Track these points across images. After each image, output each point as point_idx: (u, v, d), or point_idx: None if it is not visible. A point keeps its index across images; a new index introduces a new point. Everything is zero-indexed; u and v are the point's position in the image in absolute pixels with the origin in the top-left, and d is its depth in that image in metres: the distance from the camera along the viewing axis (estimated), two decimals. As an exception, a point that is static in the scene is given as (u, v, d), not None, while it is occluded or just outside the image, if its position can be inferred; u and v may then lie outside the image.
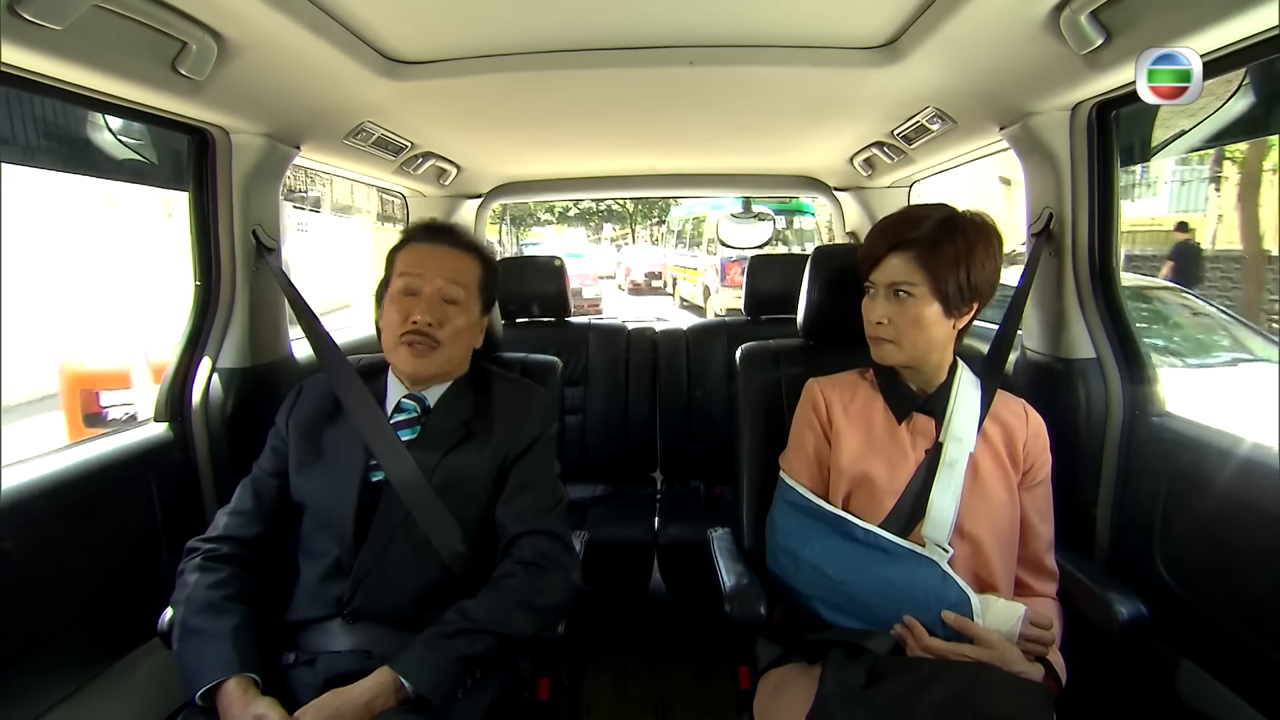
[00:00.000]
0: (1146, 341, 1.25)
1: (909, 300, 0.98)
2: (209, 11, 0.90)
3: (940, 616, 0.93)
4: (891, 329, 1.00)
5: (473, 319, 1.09)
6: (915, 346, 1.00)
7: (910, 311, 0.99)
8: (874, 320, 1.01)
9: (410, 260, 1.06)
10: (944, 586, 0.94)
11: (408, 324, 1.02)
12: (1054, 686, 0.93)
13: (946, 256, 0.97)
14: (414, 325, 1.02)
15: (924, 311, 0.98)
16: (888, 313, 1.00)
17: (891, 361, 1.02)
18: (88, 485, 1.09)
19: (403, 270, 1.05)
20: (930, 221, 0.99)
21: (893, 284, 0.99)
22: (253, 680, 0.87)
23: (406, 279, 1.04)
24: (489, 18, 1.05)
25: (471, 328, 1.09)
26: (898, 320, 0.99)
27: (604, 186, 2.44)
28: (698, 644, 1.88)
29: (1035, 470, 1.05)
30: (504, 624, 0.93)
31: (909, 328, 0.99)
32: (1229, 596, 1.01)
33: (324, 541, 1.01)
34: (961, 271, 0.97)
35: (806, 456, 1.07)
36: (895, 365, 1.03)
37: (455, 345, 1.06)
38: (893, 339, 1.00)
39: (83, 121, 1.19)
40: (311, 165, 1.67)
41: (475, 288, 1.08)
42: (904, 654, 0.93)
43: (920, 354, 1.01)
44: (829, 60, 1.16)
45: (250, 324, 1.34)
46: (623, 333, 2.08)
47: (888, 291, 1.00)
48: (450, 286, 1.05)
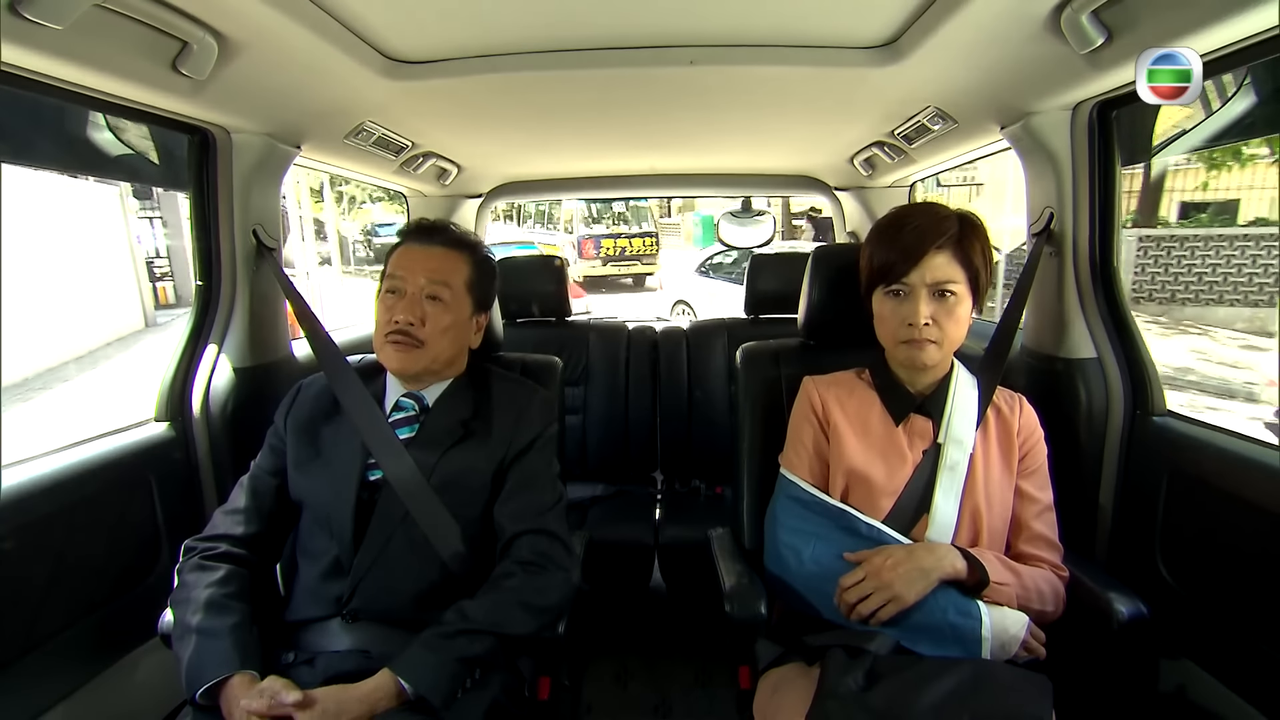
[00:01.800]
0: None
1: (952, 299, 0.98)
2: (210, 11, 0.90)
3: (948, 621, 0.93)
4: (937, 330, 0.98)
5: (461, 317, 1.08)
6: (953, 344, 1.01)
7: (954, 310, 0.98)
8: (919, 322, 0.97)
9: (398, 260, 1.07)
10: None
11: (390, 323, 1.03)
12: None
13: (976, 252, 0.98)
14: (396, 324, 1.02)
15: (963, 309, 0.99)
16: (933, 313, 0.98)
17: (932, 362, 1.01)
18: (88, 484, 1.09)
19: (390, 271, 1.06)
20: (955, 219, 0.99)
21: (937, 283, 0.98)
22: (254, 677, 0.88)
23: (391, 279, 1.06)
24: (489, 18, 1.05)
25: (460, 326, 1.08)
26: (943, 320, 0.98)
27: (604, 186, 2.44)
28: (698, 644, 1.88)
29: (1030, 458, 1.05)
30: (503, 624, 0.93)
31: (953, 326, 0.99)
32: (1229, 596, 1.01)
33: (323, 541, 1.01)
34: (989, 265, 0.99)
35: (806, 453, 1.07)
36: (931, 365, 1.02)
37: (440, 343, 1.05)
38: (937, 339, 0.99)
39: (84, 120, 1.19)
40: (312, 165, 1.67)
41: (463, 285, 1.08)
42: (904, 655, 0.93)
43: (951, 351, 1.02)
44: (829, 60, 1.16)
45: (250, 323, 1.34)
46: (623, 332, 2.08)
47: (930, 292, 0.98)
48: (433, 285, 1.04)
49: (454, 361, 1.11)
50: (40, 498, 1.02)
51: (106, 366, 6.85)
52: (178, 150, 1.28)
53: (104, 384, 6.16)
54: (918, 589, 0.93)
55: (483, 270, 1.12)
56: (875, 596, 0.93)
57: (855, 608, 0.95)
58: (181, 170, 1.29)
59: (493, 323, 1.23)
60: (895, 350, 1.03)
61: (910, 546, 0.97)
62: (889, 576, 0.93)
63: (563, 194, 2.44)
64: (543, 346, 1.54)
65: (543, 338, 2.01)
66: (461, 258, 1.09)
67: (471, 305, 1.10)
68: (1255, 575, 0.96)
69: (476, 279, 1.10)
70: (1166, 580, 1.09)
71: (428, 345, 1.04)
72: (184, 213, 8.06)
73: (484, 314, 1.15)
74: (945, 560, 0.94)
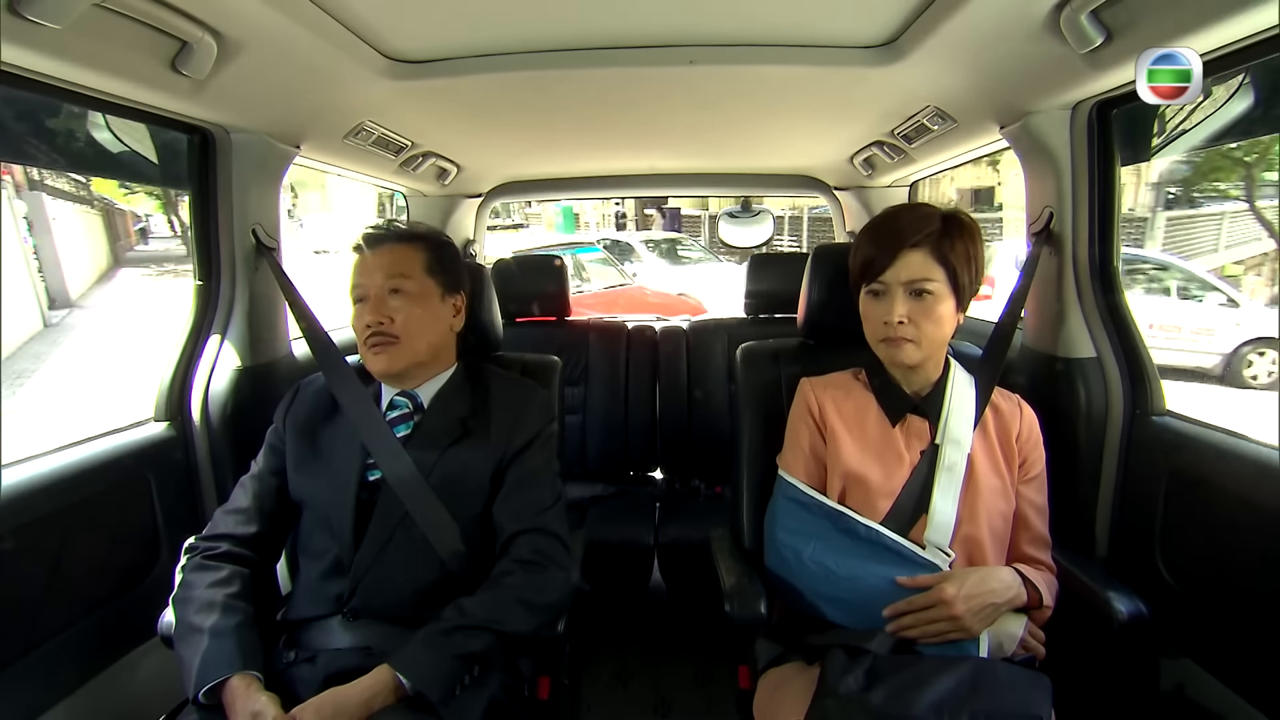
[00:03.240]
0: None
1: (929, 298, 0.98)
2: (209, 10, 0.90)
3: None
4: (913, 328, 0.98)
5: (431, 304, 1.07)
6: (933, 344, 1.00)
7: (932, 309, 0.98)
8: (894, 321, 0.98)
9: (357, 271, 1.06)
10: None
11: (364, 329, 1.03)
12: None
13: (959, 252, 0.97)
14: (369, 328, 1.02)
15: (943, 308, 0.98)
16: (908, 312, 0.98)
17: (910, 361, 1.01)
18: (87, 484, 1.09)
19: (353, 283, 1.06)
20: (937, 217, 0.99)
21: (912, 281, 0.98)
22: (256, 678, 0.88)
23: (356, 289, 1.06)
24: (489, 17, 1.05)
25: (431, 313, 1.07)
26: (919, 319, 0.98)
27: (604, 186, 2.44)
28: (698, 644, 1.88)
29: (1030, 464, 1.05)
30: (502, 621, 0.93)
31: (930, 326, 0.98)
32: (1228, 595, 1.01)
33: (323, 540, 1.01)
34: (973, 265, 0.98)
35: (803, 454, 1.07)
36: (911, 365, 1.02)
37: (417, 335, 1.05)
38: (914, 338, 0.99)
39: (83, 120, 1.19)
40: (312, 165, 1.67)
41: (422, 271, 1.06)
42: (904, 654, 0.93)
43: (934, 351, 1.02)
44: (829, 59, 1.16)
45: (250, 323, 1.34)
46: (623, 332, 2.08)
47: (906, 290, 0.98)
48: (391, 279, 1.04)
49: (439, 353, 1.10)
50: (40, 498, 1.02)
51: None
52: (178, 149, 1.28)
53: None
54: (988, 622, 0.93)
55: (440, 253, 1.10)
56: (941, 625, 0.92)
57: (909, 631, 0.93)
58: (181, 169, 1.29)
59: (492, 322, 1.22)
60: (877, 349, 1.03)
61: (980, 574, 0.95)
62: (961, 609, 0.91)
63: (563, 194, 2.44)
64: (542, 346, 1.54)
65: (542, 337, 2.00)
66: (413, 247, 1.07)
67: (439, 288, 1.08)
68: (1255, 574, 0.96)
69: (435, 261, 1.08)
70: (1166, 579, 1.09)
71: (404, 339, 1.03)
72: (50, 211, 7.76)
73: (458, 295, 1.12)
74: (1013, 590, 0.95)
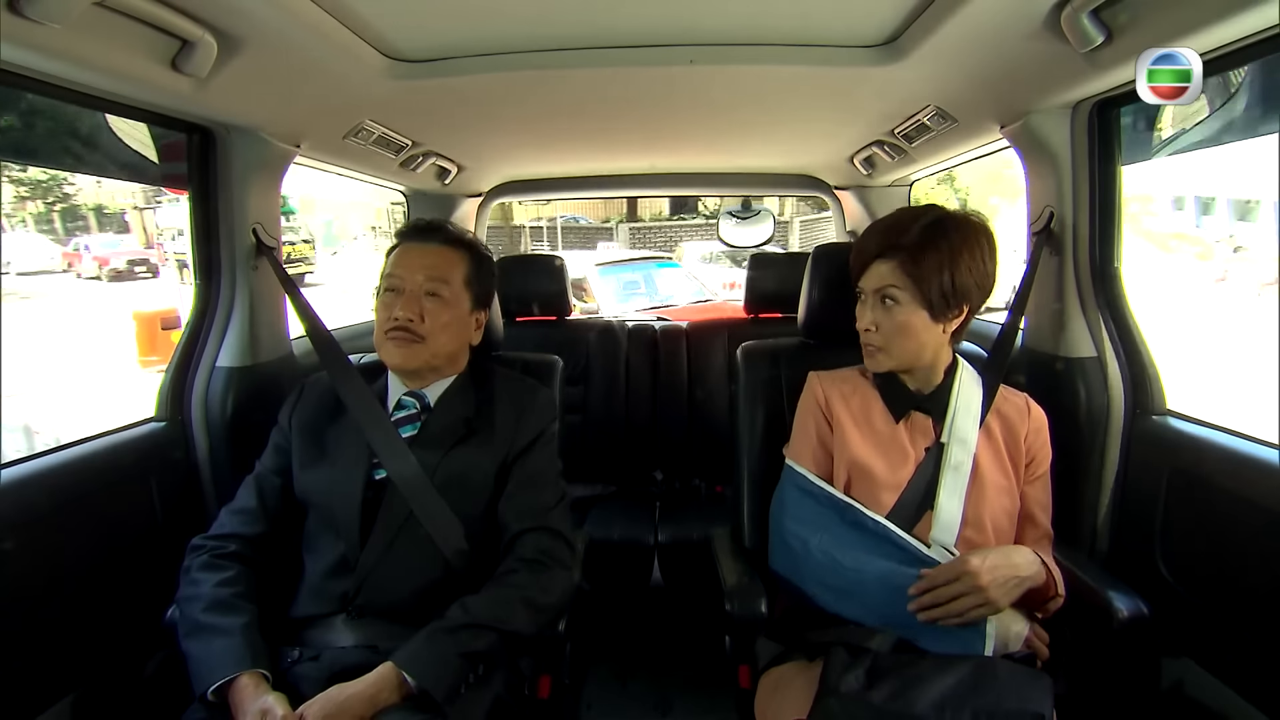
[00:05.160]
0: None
1: (895, 307, 0.99)
2: (209, 10, 0.89)
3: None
4: (880, 336, 1.00)
5: (460, 313, 1.08)
6: (905, 353, 1.01)
7: (897, 318, 0.99)
8: (863, 327, 1.02)
9: (396, 260, 1.08)
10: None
11: (390, 320, 1.03)
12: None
13: (930, 263, 0.97)
14: (395, 320, 1.03)
15: (910, 319, 0.98)
16: (875, 319, 1.00)
17: (882, 368, 1.03)
18: (88, 483, 1.09)
19: (389, 270, 1.07)
20: (917, 227, 0.99)
21: (879, 290, 1.00)
22: (264, 676, 0.88)
23: (390, 279, 1.06)
24: (489, 16, 1.05)
25: (459, 322, 1.09)
26: (885, 327, 1.00)
27: (604, 185, 2.44)
28: (698, 643, 1.87)
29: (1036, 464, 1.05)
30: (505, 620, 0.93)
31: (896, 335, 0.99)
32: (1229, 595, 1.01)
33: (328, 539, 1.02)
34: (946, 276, 0.97)
35: (811, 444, 1.07)
36: (881, 372, 1.03)
37: (440, 339, 1.06)
38: (882, 346, 1.01)
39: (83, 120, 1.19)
40: (312, 164, 1.66)
41: (461, 282, 1.08)
42: (906, 652, 0.93)
43: (910, 360, 1.02)
44: (829, 59, 1.16)
45: (250, 322, 1.34)
46: (623, 331, 2.08)
47: (875, 298, 1.01)
48: (431, 281, 1.05)
49: (454, 359, 1.11)
50: (40, 497, 1.02)
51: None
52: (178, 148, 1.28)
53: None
54: (1012, 596, 0.92)
55: (481, 267, 1.12)
56: (968, 599, 0.89)
57: (933, 610, 0.91)
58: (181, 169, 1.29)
59: (493, 321, 1.22)
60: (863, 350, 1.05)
61: (1002, 550, 0.94)
62: (986, 580, 0.89)
63: (563, 193, 2.44)
64: (543, 345, 1.54)
65: (543, 337, 2.00)
66: (459, 255, 1.09)
67: (470, 301, 1.10)
68: (1255, 574, 0.96)
69: (475, 275, 1.10)
70: (1167, 579, 1.09)
71: (428, 340, 1.04)
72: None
73: (484, 311, 1.15)
74: (1035, 565, 0.93)
